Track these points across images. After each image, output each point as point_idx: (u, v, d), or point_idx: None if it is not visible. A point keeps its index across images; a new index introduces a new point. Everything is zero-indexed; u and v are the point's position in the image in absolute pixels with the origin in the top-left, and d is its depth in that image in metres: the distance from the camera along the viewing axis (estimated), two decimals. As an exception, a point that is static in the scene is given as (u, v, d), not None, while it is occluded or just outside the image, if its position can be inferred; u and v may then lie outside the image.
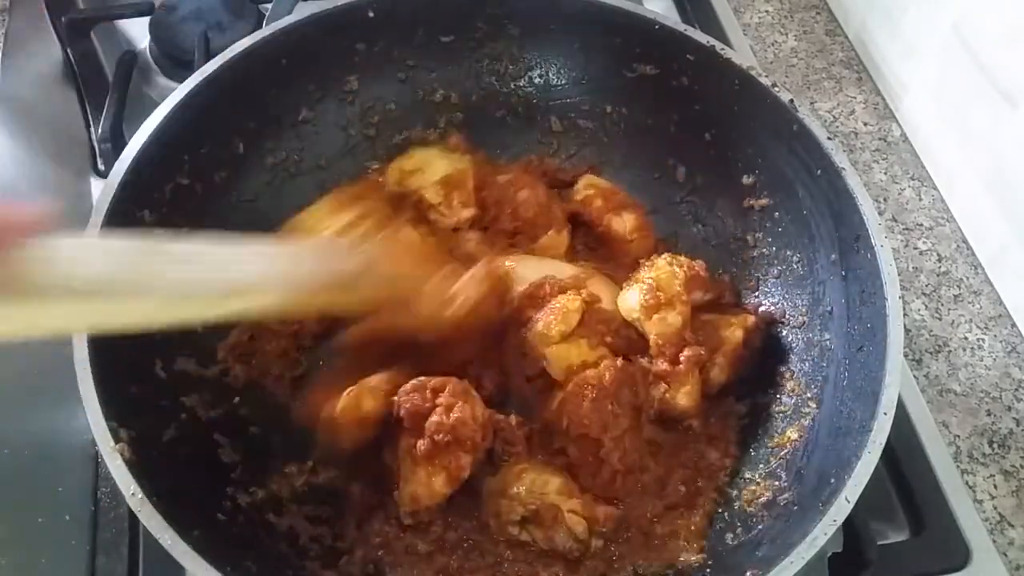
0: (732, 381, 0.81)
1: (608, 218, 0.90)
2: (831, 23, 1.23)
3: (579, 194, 0.92)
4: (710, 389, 0.80)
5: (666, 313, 0.78)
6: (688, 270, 0.81)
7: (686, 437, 0.79)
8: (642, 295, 0.78)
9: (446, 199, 0.87)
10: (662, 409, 0.78)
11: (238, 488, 0.72)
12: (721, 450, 0.79)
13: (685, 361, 0.77)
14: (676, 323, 0.78)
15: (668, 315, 0.78)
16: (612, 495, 0.75)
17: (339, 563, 0.71)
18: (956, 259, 1.00)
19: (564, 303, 0.77)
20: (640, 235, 0.90)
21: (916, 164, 1.08)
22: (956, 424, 0.87)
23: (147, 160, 0.74)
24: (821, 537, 0.59)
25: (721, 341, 0.80)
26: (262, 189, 0.89)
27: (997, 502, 0.83)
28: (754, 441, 0.78)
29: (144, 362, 0.72)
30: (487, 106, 0.97)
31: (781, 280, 0.85)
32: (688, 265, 0.82)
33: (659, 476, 0.77)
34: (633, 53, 0.90)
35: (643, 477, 0.76)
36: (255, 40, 0.83)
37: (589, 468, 0.74)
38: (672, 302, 0.78)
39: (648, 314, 0.78)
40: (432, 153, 0.92)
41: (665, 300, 0.78)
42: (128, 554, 0.73)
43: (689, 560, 0.72)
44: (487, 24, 0.93)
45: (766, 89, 0.81)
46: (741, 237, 0.88)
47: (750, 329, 0.81)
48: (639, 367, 0.78)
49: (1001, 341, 0.93)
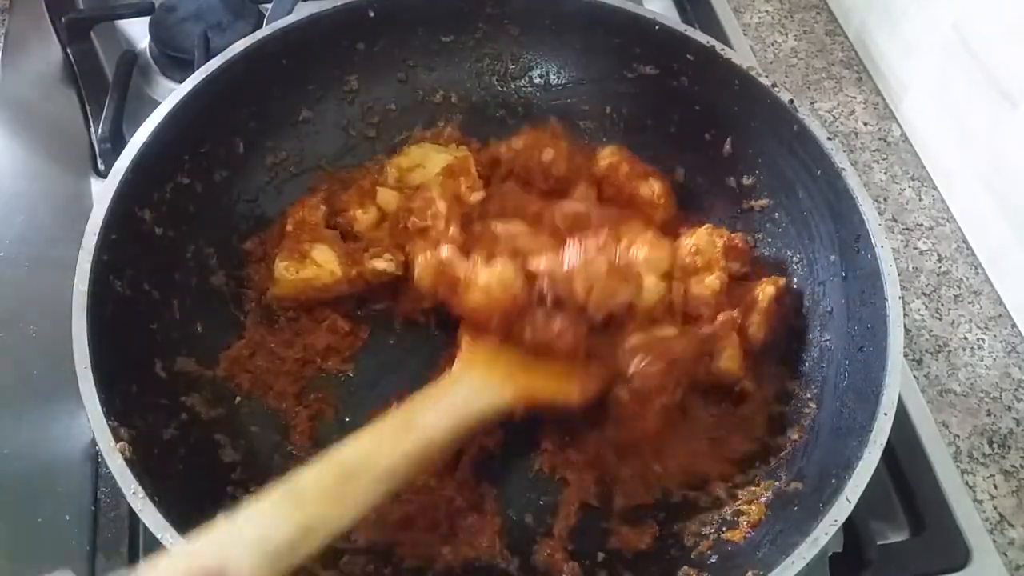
0: (771, 340, 0.80)
1: (636, 183, 0.89)
2: (831, 23, 1.23)
3: (604, 160, 0.90)
4: (753, 346, 0.80)
5: (704, 276, 0.79)
6: (728, 240, 0.82)
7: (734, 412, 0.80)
8: (681, 258, 0.79)
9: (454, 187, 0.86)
10: (711, 378, 0.78)
11: (238, 488, 0.72)
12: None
13: (721, 326, 0.77)
14: (714, 286, 0.79)
15: (706, 278, 0.79)
16: (633, 452, 0.76)
17: (340, 563, 0.71)
18: (956, 259, 1.00)
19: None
20: (667, 201, 0.89)
21: (916, 164, 1.08)
22: (956, 424, 0.87)
23: (147, 160, 0.74)
24: (822, 537, 0.59)
25: (755, 299, 0.80)
26: (262, 189, 0.89)
27: (997, 502, 0.83)
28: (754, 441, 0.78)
29: (144, 362, 0.72)
30: (487, 106, 0.97)
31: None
32: (728, 236, 0.82)
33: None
34: (633, 53, 0.90)
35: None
36: (255, 40, 0.83)
37: (625, 419, 0.75)
38: (711, 266, 0.79)
39: (686, 277, 0.79)
40: (428, 148, 0.91)
41: (703, 264, 0.79)
42: (128, 554, 0.73)
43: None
44: (487, 24, 0.93)
45: (766, 89, 0.81)
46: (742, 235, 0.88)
47: (781, 288, 0.81)
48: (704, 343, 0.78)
49: (1001, 341, 0.93)
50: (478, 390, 0.68)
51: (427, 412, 0.64)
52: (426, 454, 0.62)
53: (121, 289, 0.71)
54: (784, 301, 0.81)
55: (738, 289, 0.81)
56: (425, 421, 0.63)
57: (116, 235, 0.70)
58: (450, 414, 0.64)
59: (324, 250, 0.82)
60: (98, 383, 0.63)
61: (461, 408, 0.65)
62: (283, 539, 0.51)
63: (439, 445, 0.63)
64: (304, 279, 0.81)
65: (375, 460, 0.59)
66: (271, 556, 0.50)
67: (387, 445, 0.60)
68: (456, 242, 0.79)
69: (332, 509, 0.55)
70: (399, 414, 0.64)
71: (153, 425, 0.68)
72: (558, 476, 0.78)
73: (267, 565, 0.49)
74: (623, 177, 0.89)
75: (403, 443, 0.61)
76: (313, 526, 0.53)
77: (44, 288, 0.82)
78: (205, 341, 0.79)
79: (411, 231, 0.82)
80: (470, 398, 0.67)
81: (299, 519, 0.52)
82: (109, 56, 1.08)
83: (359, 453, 0.59)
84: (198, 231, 0.81)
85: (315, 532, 0.53)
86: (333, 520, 0.54)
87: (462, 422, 0.65)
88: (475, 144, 0.95)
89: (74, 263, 0.67)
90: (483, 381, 0.69)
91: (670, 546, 0.73)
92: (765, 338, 0.80)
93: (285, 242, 0.83)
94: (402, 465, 0.60)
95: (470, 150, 0.93)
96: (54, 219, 0.94)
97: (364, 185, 0.88)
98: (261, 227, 0.88)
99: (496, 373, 0.70)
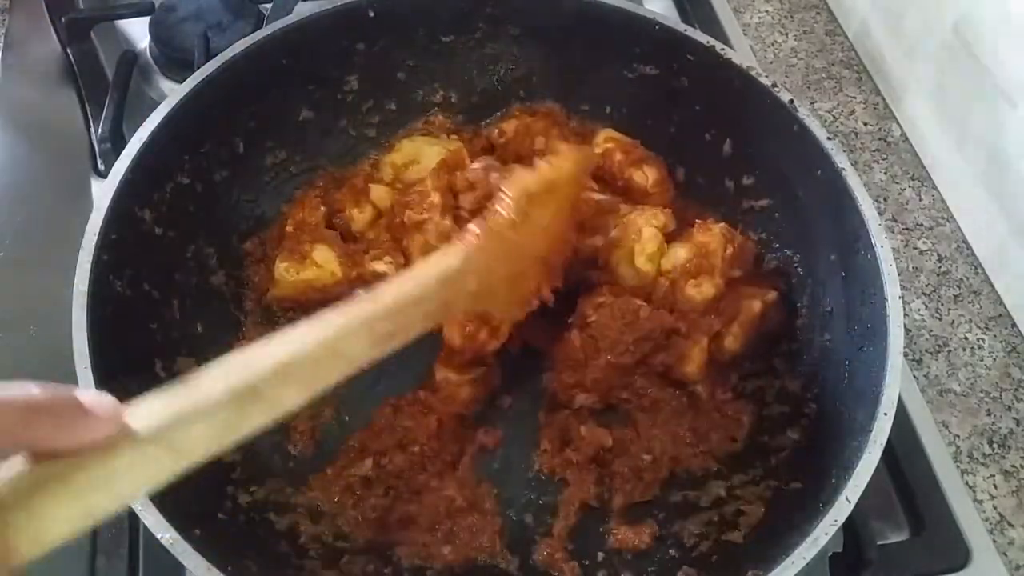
0: (745, 353, 0.81)
1: (629, 171, 0.89)
2: (831, 23, 1.22)
3: (598, 147, 0.90)
4: (722, 357, 0.80)
5: (703, 281, 0.79)
6: (738, 248, 0.82)
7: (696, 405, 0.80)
8: (688, 256, 0.79)
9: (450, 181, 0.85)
10: (667, 369, 0.78)
11: (238, 488, 0.72)
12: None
13: (694, 326, 0.78)
14: (709, 294, 0.79)
15: (704, 284, 0.79)
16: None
17: (340, 562, 0.71)
18: (956, 259, 1.00)
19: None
20: (661, 188, 0.89)
21: (916, 164, 1.08)
22: (956, 424, 0.87)
23: (147, 160, 0.74)
24: (822, 537, 0.59)
25: (739, 311, 0.80)
26: (262, 189, 0.89)
27: (997, 502, 0.83)
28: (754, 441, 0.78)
29: (144, 362, 0.72)
30: (487, 106, 0.97)
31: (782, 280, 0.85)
32: (740, 242, 0.83)
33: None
34: (633, 53, 0.89)
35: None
36: (255, 40, 0.82)
37: (570, 365, 0.76)
38: (712, 272, 0.79)
39: (686, 277, 0.79)
40: (419, 142, 0.91)
41: (707, 268, 0.79)
42: (128, 554, 0.73)
43: None
44: (487, 24, 0.93)
45: (766, 89, 0.81)
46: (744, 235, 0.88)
47: (769, 303, 0.81)
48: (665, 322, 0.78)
49: (1001, 341, 0.93)
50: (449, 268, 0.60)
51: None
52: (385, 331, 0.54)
53: (121, 289, 0.71)
54: (769, 316, 0.81)
55: (728, 293, 0.81)
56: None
57: (116, 235, 0.70)
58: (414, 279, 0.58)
59: (324, 251, 0.82)
60: (98, 383, 0.63)
61: (425, 275, 0.58)
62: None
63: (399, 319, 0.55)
64: (304, 280, 0.81)
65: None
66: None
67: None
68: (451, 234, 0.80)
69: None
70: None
71: (153, 425, 0.67)
72: (558, 476, 0.78)
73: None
74: (617, 165, 0.89)
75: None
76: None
77: (44, 288, 0.82)
78: (205, 341, 0.79)
79: (408, 225, 0.82)
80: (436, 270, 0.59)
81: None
82: (109, 56, 1.08)
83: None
84: (198, 231, 0.81)
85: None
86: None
87: (424, 287, 0.57)
88: (466, 132, 0.95)
89: (74, 263, 0.67)
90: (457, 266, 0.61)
91: (670, 546, 0.73)
92: (740, 351, 0.80)
93: (285, 243, 0.83)
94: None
95: (462, 139, 0.93)
96: (54, 219, 0.93)
97: (357, 183, 0.88)
98: (261, 227, 0.88)
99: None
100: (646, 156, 0.91)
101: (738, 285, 0.83)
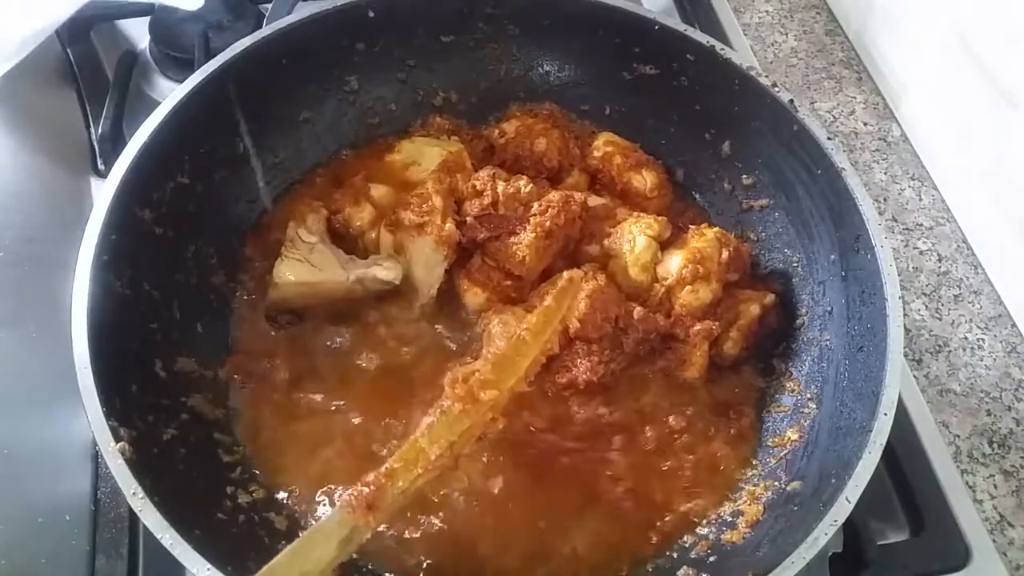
0: (745, 355, 0.81)
1: (628, 176, 0.89)
2: (831, 23, 1.22)
3: (598, 151, 0.91)
4: (722, 361, 0.81)
5: (700, 287, 0.79)
6: (734, 252, 0.82)
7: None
8: (684, 263, 0.79)
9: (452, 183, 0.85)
10: (669, 375, 0.79)
11: (238, 488, 0.72)
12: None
13: (695, 335, 0.78)
14: (706, 299, 0.80)
15: (701, 289, 0.79)
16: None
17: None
18: (956, 259, 1.00)
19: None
20: (660, 192, 0.90)
21: (916, 164, 1.08)
22: (956, 424, 0.87)
23: (147, 160, 0.74)
24: (822, 537, 0.59)
25: (738, 315, 0.80)
26: (262, 189, 0.89)
27: (997, 502, 0.83)
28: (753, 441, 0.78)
29: (144, 362, 0.72)
30: (487, 106, 0.97)
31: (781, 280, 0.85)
32: (736, 247, 0.83)
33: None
34: (633, 53, 0.90)
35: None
36: (255, 40, 0.82)
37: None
38: (709, 277, 0.80)
39: (682, 284, 0.79)
40: (420, 142, 0.91)
41: (703, 274, 0.79)
42: (128, 554, 0.73)
43: None
44: (487, 24, 0.93)
45: (766, 89, 0.81)
46: (741, 237, 0.88)
47: (767, 307, 0.81)
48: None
49: (1001, 341, 0.93)
50: None
51: None
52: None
53: (121, 289, 0.71)
54: (768, 318, 0.81)
55: (726, 298, 0.82)
56: None
57: (116, 235, 0.70)
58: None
59: (324, 253, 0.82)
60: (98, 383, 0.63)
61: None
62: None
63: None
64: (304, 283, 0.80)
65: None
66: None
67: None
68: (452, 237, 0.80)
69: None
70: None
71: (153, 425, 0.68)
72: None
73: None
74: (615, 170, 0.90)
75: None
76: None
77: (44, 288, 0.82)
78: (205, 341, 0.79)
79: (407, 226, 0.81)
80: None
81: None
82: (109, 56, 1.08)
83: None
84: (198, 231, 0.81)
85: None
86: None
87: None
88: (466, 133, 0.95)
89: (74, 263, 0.67)
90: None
91: (670, 546, 0.73)
92: (739, 354, 0.81)
93: (285, 244, 0.83)
94: None
95: (462, 140, 0.93)
96: (54, 219, 0.93)
97: (356, 183, 0.88)
98: (261, 228, 0.88)
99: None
100: (645, 160, 0.91)
101: (736, 289, 0.83)
